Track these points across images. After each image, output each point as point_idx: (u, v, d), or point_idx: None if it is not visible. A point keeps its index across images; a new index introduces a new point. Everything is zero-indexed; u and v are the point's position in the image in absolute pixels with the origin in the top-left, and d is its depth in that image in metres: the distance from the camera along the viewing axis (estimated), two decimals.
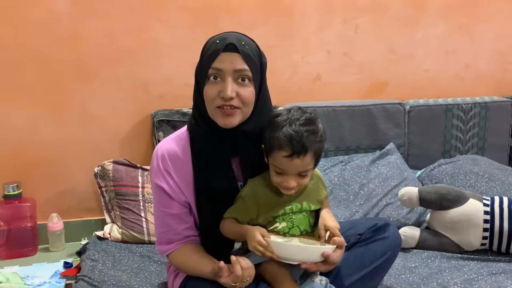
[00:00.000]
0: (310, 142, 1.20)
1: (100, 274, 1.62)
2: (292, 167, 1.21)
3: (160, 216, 1.33)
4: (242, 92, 1.21)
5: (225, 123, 1.22)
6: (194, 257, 1.31)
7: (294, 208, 1.27)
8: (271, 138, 1.22)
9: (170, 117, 2.08)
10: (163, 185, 1.30)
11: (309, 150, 1.20)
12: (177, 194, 1.30)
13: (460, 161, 2.25)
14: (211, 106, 1.22)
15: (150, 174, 1.35)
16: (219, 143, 1.27)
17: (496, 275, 1.60)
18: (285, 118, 1.23)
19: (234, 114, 1.21)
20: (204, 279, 1.26)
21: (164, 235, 1.34)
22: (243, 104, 1.22)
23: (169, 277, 1.42)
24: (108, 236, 1.92)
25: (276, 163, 1.22)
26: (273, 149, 1.21)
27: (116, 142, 2.18)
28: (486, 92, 2.57)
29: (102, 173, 2.02)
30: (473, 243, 1.75)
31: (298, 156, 1.19)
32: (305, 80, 2.38)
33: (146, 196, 1.96)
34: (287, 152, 1.19)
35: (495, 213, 1.74)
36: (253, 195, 1.27)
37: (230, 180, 1.31)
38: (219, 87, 1.20)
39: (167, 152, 1.31)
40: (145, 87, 2.18)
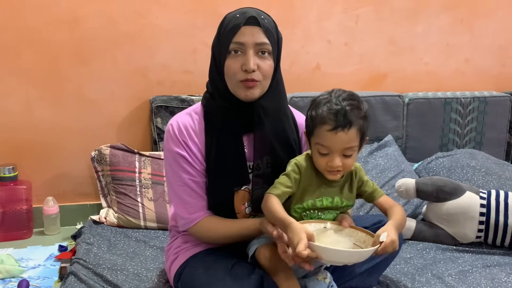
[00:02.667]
0: (353, 115, 1.16)
1: (95, 258, 1.62)
2: (337, 142, 1.15)
3: (184, 184, 1.29)
4: (262, 65, 1.22)
5: (246, 95, 1.24)
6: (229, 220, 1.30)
7: (324, 202, 1.23)
8: (312, 116, 1.19)
9: (169, 103, 2.07)
10: (184, 154, 1.28)
11: (353, 124, 1.15)
12: (197, 163, 1.30)
13: (457, 155, 2.25)
14: (234, 80, 1.23)
15: (166, 145, 1.32)
16: (234, 117, 1.28)
17: (490, 268, 1.61)
18: (327, 96, 1.20)
19: (255, 86, 1.23)
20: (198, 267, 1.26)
21: (191, 204, 1.30)
22: (263, 77, 1.24)
23: (167, 260, 1.41)
24: (104, 220, 1.92)
25: (319, 140, 1.17)
26: (316, 126, 1.17)
27: (113, 127, 2.17)
28: (485, 87, 2.57)
29: (99, 158, 2.01)
30: (468, 235, 1.76)
31: (343, 129, 1.14)
32: (305, 70, 2.37)
33: (143, 181, 1.95)
34: (331, 125, 1.14)
35: (491, 206, 1.74)
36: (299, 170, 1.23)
37: (240, 157, 1.31)
38: (240, 60, 1.21)
39: (182, 124, 1.31)
40: (144, 72, 2.16)
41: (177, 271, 1.33)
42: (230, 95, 1.26)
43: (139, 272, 1.54)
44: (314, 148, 1.21)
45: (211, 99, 1.31)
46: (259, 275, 1.22)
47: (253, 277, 1.21)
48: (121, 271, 1.54)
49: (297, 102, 2.20)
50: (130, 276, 1.52)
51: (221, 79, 1.26)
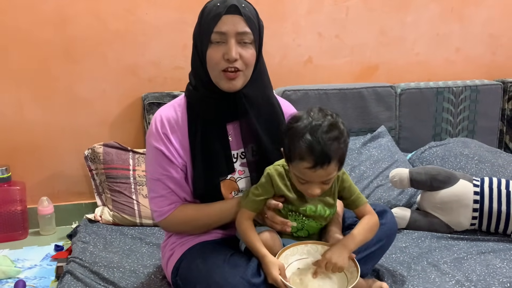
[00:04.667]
0: (333, 150, 1.12)
1: (91, 256, 1.62)
2: (316, 177, 1.15)
3: (158, 179, 1.30)
4: (244, 54, 1.22)
5: (229, 87, 1.24)
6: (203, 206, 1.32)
7: (308, 210, 1.23)
8: (291, 147, 1.15)
9: (161, 100, 2.07)
10: (162, 148, 1.29)
11: (333, 159, 1.12)
12: (175, 157, 1.30)
13: (450, 144, 2.27)
14: (215, 70, 1.23)
15: (148, 138, 1.33)
16: (217, 107, 1.28)
17: (485, 254, 1.62)
18: (305, 124, 1.14)
19: (237, 77, 1.23)
20: (196, 258, 1.26)
21: (166, 197, 1.31)
22: (246, 66, 1.24)
23: (164, 257, 1.41)
24: (99, 219, 1.91)
25: (298, 173, 1.16)
26: (294, 159, 1.15)
27: (106, 126, 2.17)
28: (477, 75, 2.58)
29: (93, 156, 2.00)
30: (462, 223, 1.77)
31: (322, 167, 1.12)
32: (296, 63, 2.37)
33: (138, 179, 1.95)
34: (310, 164, 1.11)
35: (484, 193, 1.75)
36: (270, 185, 1.23)
37: (225, 146, 1.31)
38: (222, 50, 1.21)
39: (165, 117, 1.31)
40: (135, 69, 2.15)
41: (175, 266, 1.33)
42: (213, 86, 1.26)
43: (136, 269, 1.54)
44: (293, 175, 1.19)
45: (194, 90, 1.31)
46: (257, 263, 1.22)
47: (251, 265, 1.21)
48: (117, 269, 1.54)
49: (290, 96, 2.20)
50: (127, 273, 1.52)
51: (203, 70, 1.26)
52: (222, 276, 1.16)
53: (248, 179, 1.34)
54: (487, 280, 1.45)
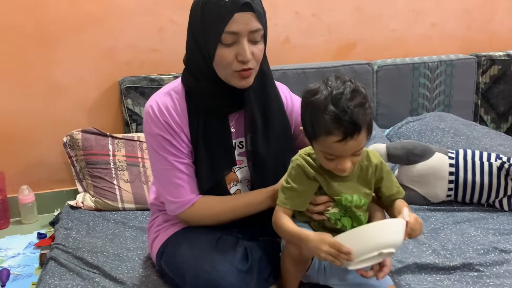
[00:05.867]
0: (361, 117, 1.02)
1: (74, 242, 1.62)
2: (346, 150, 1.04)
3: (171, 166, 1.24)
4: (256, 51, 1.16)
5: (242, 84, 1.19)
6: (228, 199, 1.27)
7: (343, 200, 1.14)
8: (314, 123, 1.05)
9: (138, 83, 2.05)
10: (168, 136, 1.23)
11: (363, 127, 1.03)
12: (182, 145, 1.24)
13: (427, 118, 2.31)
14: (227, 71, 1.17)
15: (147, 128, 1.25)
16: (219, 98, 1.23)
17: (460, 224, 1.67)
18: (325, 95, 1.03)
19: (250, 74, 1.18)
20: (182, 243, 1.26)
21: (183, 187, 1.24)
22: (257, 63, 1.19)
23: (149, 237, 1.41)
24: (81, 205, 1.91)
25: (325, 149, 1.06)
26: (320, 135, 1.04)
27: (83, 111, 2.15)
28: (452, 50, 2.62)
29: (71, 143, 1.99)
30: (439, 195, 1.81)
31: (352, 137, 1.02)
32: (274, 43, 2.36)
33: (118, 164, 1.95)
34: (339, 136, 1.02)
35: (459, 165, 1.79)
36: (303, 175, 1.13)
37: (228, 139, 1.27)
38: (234, 50, 1.14)
39: (163, 104, 1.24)
40: (110, 54, 2.13)
41: (159, 249, 1.33)
42: (219, 80, 1.20)
43: (120, 253, 1.55)
44: (318, 152, 1.10)
45: (194, 80, 1.24)
46: (244, 247, 1.23)
47: (239, 250, 1.22)
48: (101, 253, 1.55)
49: None
50: (111, 257, 1.53)
51: (207, 65, 1.19)
52: (210, 264, 1.16)
53: (245, 169, 1.32)
54: (462, 248, 1.50)
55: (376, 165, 1.17)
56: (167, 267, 1.30)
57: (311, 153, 1.15)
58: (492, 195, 1.76)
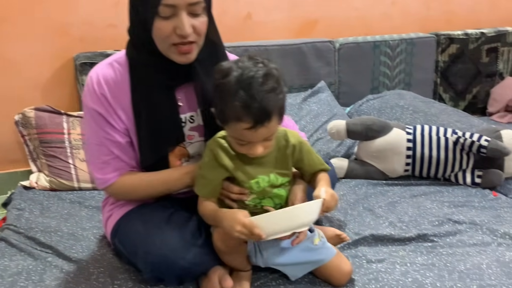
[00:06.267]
0: (272, 103, 0.99)
1: (27, 222, 1.56)
2: (257, 137, 1.02)
3: (101, 143, 1.21)
4: (197, 24, 1.12)
5: (183, 60, 1.15)
6: (147, 175, 1.24)
7: (261, 182, 1.12)
8: (224, 107, 1.01)
9: (94, 59, 1.98)
10: (101, 111, 1.19)
11: (274, 113, 1.00)
12: (117, 121, 1.21)
13: (387, 96, 2.33)
14: (165, 44, 1.12)
15: (84, 99, 1.22)
16: (162, 71, 1.18)
17: (417, 197, 1.70)
18: (236, 78, 0.99)
19: (191, 50, 1.14)
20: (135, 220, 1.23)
21: (109, 164, 1.22)
22: (199, 37, 1.14)
23: (103, 216, 1.38)
24: (35, 185, 1.85)
25: (236, 134, 1.04)
26: (229, 120, 1.02)
27: (36, 89, 2.06)
28: (412, 29, 2.64)
29: (24, 121, 1.91)
30: (397, 169, 1.84)
31: (262, 125, 0.99)
32: (235, 19, 2.33)
33: (73, 142, 1.88)
34: (249, 124, 0.99)
35: (417, 140, 1.82)
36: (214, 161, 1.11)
37: (175, 114, 1.23)
38: (172, 23, 1.09)
39: (103, 76, 1.20)
40: (64, 29, 2.04)
41: (113, 228, 1.30)
42: (160, 53, 1.15)
43: (75, 232, 1.51)
44: (230, 137, 1.08)
45: (136, 52, 1.19)
46: (197, 221, 1.22)
47: (191, 224, 1.21)
48: (55, 233, 1.50)
49: (230, 53, 2.16)
50: (65, 236, 1.49)
51: (146, 36, 1.13)
52: (162, 237, 1.15)
53: (198, 144, 1.28)
54: (418, 220, 1.53)
55: (294, 146, 1.15)
56: (120, 244, 1.28)
57: (226, 135, 1.12)
58: (448, 170, 1.81)
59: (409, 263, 1.31)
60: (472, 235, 1.44)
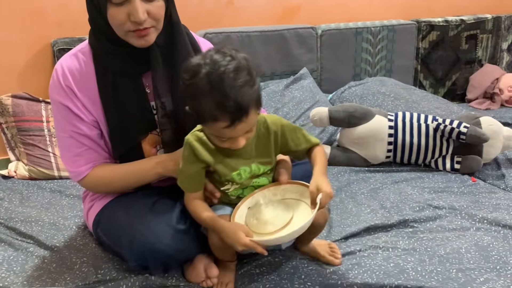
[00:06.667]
0: (248, 98, 0.96)
1: (6, 212, 1.54)
2: (237, 132, 1.00)
3: (71, 136, 1.20)
4: (153, 10, 1.09)
5: (141, 44, 1.12)
6: (119, 166, 1.23)
7: (242, 173, 1.12)
8: (198, 108, 0.97)
9: (72, 45, 1.93)
10: (68, 104, 1.18)
11: (251, 107, 0.97)
12: (84, 113, 1.19)
13: (368, 83, 2.35)
14: (121, 31, 1.10)
15: (50, 92, 1.20)
16: (128, 59, 1.17)
17: (398, 183, 1.73)
18: (205, 76, 0.94)
19: (149, 33, 1.11)
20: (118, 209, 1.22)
21: (81, 156, 1.21)
22: (156, 21, 1.12)
23: (84, 207, 1.37)
24: (14, 174, 1.81)
25: (215, 133, 1.02)
26: (206, 121, 0.99)
27: (13, 75, 2.01)
28: (393, 16, 2.65)
29: (1, 109, 1.86)
30: (378, 156, 1.86)
31: (240, 121, 0.97)
32: (216, 5, 2.30)
33: (52, 130, 1.85)
34: (226, 123, 0.96)
35: (398, 127, 1.84)
36: (193, 155, 1.09)
37: (142, 100, 1.21)
38: (126, 10, 1.06)
39: (67, 68, 1.18)
40: (41, 14, 1.98)
41: (95, 218, 1.29)
42: (121, 40, 1.13)
43: (56, 221, 1.49)
44: (210, 134, 1.06)
45: (96, 40, 1.16)
46: (181, 208, 1.20)
47: (175, 210, 1.19)
48: (36, 222, 1.48)
49: (212, 39, 2.15)
50: (46, 226, 1.47)
51: (104, 22, 1.11)
52: (146, 225, 1.14)
53: (171, 131, 1.25)
54: (399, 206, 1.55)
55: (276, 132, 1.13)
56: (103, 234, 1.26)
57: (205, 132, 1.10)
58: (428, 156, 1.83)
59: (391, 248, 1.32)
60: (451, 220, 1.47)
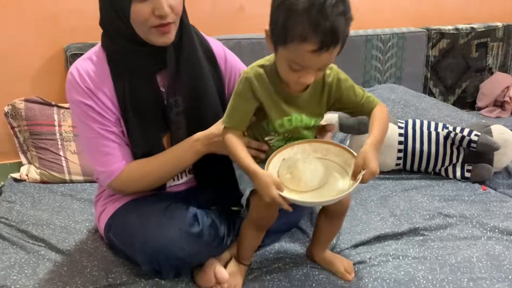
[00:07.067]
0: (342, 28, 0.92)
1: (18, 215, 1.55)
2: (316, 63, 0.95)
3: (98, 135, 1.19)
4: (174, 4, 1.12)
5: (164, 41, 1.14)
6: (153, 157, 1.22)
7: (293, 121, 1.08)
8: (288, 26, 0.92)
9: (85, 50, 1.91)
10: (91, 103, 1.18)
11: (340, 39, 0.94)
12: (107, 112, 1.19)
13: (378, 90, 2.35)
14: (144, 27, 1.12)
15: (69, 96, 1.20)
16: (144, 58, 1.18)
17: (408, 191, 1.72)
18: None
19: (171, 30, 1.14)
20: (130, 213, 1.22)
21: (111, 154, 1.20)
22: (177, 17, 1.15)
23: (96, 211, 1.37)
24: (26, 177, 1.83)
25: (295, 58, 0.95)
26: (292, 41, 0.93)
27: (26, 80, 2.03)
28: (404, 23, 2.65)
29: (14, 113, 1.88)
30: (388, 163, 1.86)
31: (328, 49, 0.92)
32: (228, 11, 2.31)
33: (64, 134, 1.87)
34: (314, 45, 0.91)
35: (408, 135, 1.84)
36: (249, 91, 1.04)
37: (159, 99, 1.22)
38: (150, 5, 1.09)
39: (83, 70, 1.19)
40: (54, 19, 2.01)
41: (107, 222, 1.29)
42: (139, 39, 1.15)
43: (67, 225, 1.50)
44: (283, 61, 0.99)
45: (112, 42, 1.18)
46: (194, 213, 1.21)
47: (188, 215, 1.20)
48: (47, 226, 1.49)
49: None
50: (58, 229, 1.48)
51: (123, 22, 1.12)
52: (159, 229, 1.14)
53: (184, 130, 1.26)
54: (410, 214, 1.55)
55: (330, 85, 1.10)
56: (115, 238, 1.27)
57: (265, 65, 1.07)
58: (438, 164, 1.83)
59: (401, 256, 1.32)
60: (462, 229, 1.46)
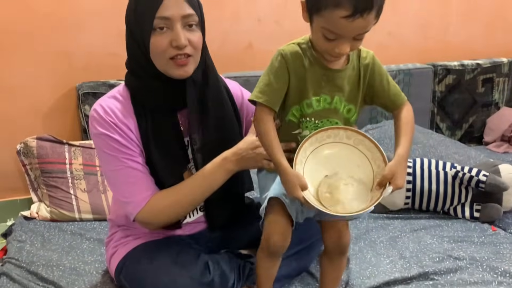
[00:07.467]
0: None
1: (28, 255, 1.56)
2: (350, 30, 0.94)
3: (123, 167, 1.19)
4: (192, 38, 1.16)
5: (181, 74, 1.17)
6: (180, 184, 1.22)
7: (322, 101, 1.06)
8: None
9: (97, 89, 2.00)
10: (116, 136, 1.18)
11: (375, 5, 0.93)
12: (132, 143, 1.20)
13: (385, 126, 2.36)
14: (163, 59, 1.15)
15: (94, 130, 1.21)
16: (165, 94, 1.21)
17: (417, 231, 1.72)
18: None
19: (188, 63, 1.16)
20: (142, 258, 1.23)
21: (137, 184, 1.19)
22: (195, 51, 1.17)
23: (107, 252, 1.37)
24: (36, 215, 1.84)
25: (328, 25, 0.95)
26: (325, 7, 0.93)
27: (38, 117, 2.07)
28: (409, 60, 2.68)
29: (26, 150, 1.91)
30: (397, 203, 1.86)
31: (362, 15, 0.92)
32: (236, 49, 2.35)
33: (75, 172, 1.89)
34: (348, 11, 0.91)
35: (416, 174, 1.84)
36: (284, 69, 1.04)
37: (179, 136, 1.24)
38: (168, 36, 1.13)
39: (107, 106, 1.21)
40: (67, 57, 2.06)
41: (118, 264, 1.30)
42: (159, 73, 1.18)
43: (76, 266, 1.51)
44: (318, 30, 0.98)
45: (136, 80, 1.22)
46: (205, 261, 1.23)
47: (199, 263, 1.21)
48: (57, 267, 1.50)
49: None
50: (67, 271, 1.48)
51: (145, 58, 1.17)
52: (171, 277, 1.15)
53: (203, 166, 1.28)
54: (419, 256, 1.54)
55: (366, 67, 1.09)
56: (126, 281, 1.27)
57: (300, 43, 1.07)
58: (447, 203, 1.83)
59: None
60: (472, 273, 1.45)
